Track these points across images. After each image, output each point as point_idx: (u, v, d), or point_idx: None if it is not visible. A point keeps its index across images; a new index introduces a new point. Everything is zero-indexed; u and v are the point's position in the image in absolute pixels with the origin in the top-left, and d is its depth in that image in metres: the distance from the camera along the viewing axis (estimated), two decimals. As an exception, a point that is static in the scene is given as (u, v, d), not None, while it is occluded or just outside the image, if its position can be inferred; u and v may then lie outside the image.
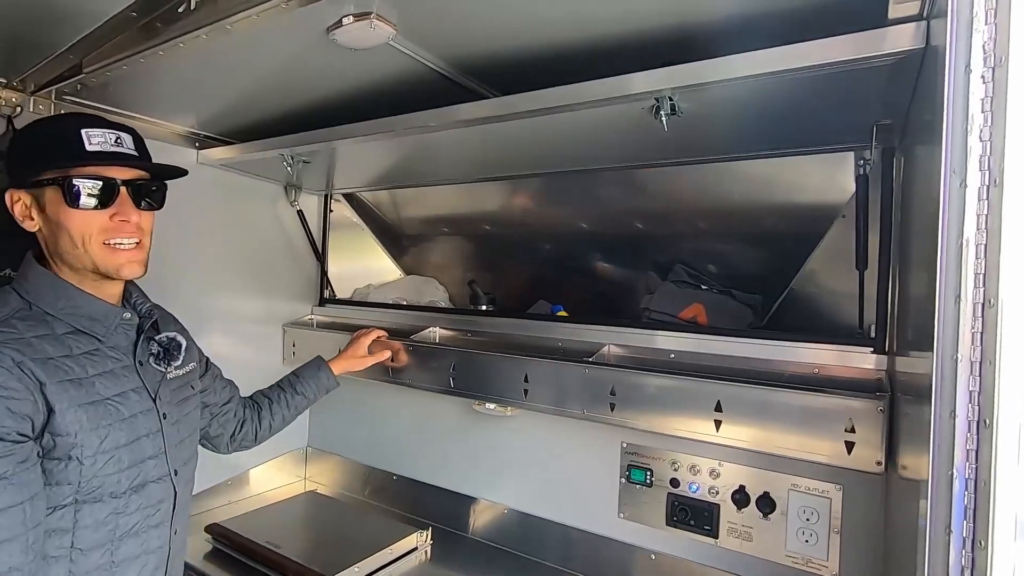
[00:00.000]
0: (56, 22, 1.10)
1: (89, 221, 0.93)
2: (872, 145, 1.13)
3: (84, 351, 0.93)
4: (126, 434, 0.94)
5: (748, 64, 0.90)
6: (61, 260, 0.96)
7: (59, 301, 0.94)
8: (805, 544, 1.25)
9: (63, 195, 0.91)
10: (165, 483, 1.02)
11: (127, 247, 0.96)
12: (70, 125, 0.94)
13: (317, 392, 1.51)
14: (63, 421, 0.86)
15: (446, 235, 2.15)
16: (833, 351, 1.23)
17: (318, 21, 1.02)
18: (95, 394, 0.91)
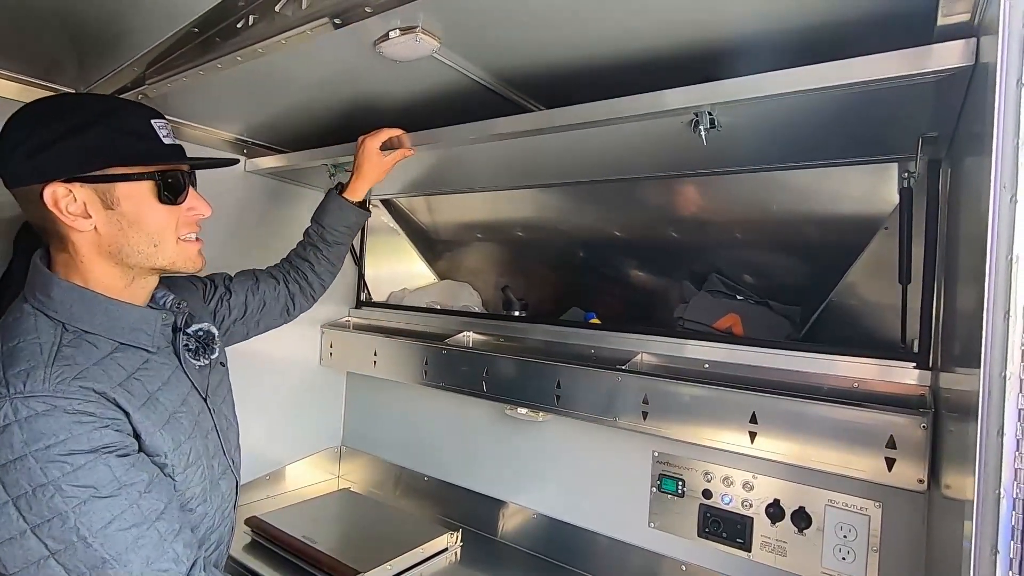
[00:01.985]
0: (124, 37, 1.17)
1: (170, 216, 0.88)
2: (917, 157, 1.11)
3: (138, 366, 0.87)
4: (200, 441, 0.93)
5: (791, 80, 0.89)
6: (115, 262, 0.87)
7: (95, 317, 0.84)
8: (842, 562, 1.23)
9: (154, 190, 0.85)
10: (228, 475, 1.03)
11: (196, 238, 0.94)
12: (136, 112, 0.87)
13: (352, 230, 1.41)
14: (151, 444, 0.83)
15: (480, 240, 2.18)
16: (874, 365, 1.21)
17: (366, 35, 1.06)
18: (165, 411, 0.87)
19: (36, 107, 0.84)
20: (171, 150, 0.88)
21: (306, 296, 1.40)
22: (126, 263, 0.87)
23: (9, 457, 0.71)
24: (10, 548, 0.71)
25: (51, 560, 0.72)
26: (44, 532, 0.71)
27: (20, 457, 0.71)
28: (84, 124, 0.82)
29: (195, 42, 1.12)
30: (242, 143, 1.85)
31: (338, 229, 1.38)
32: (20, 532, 0.71)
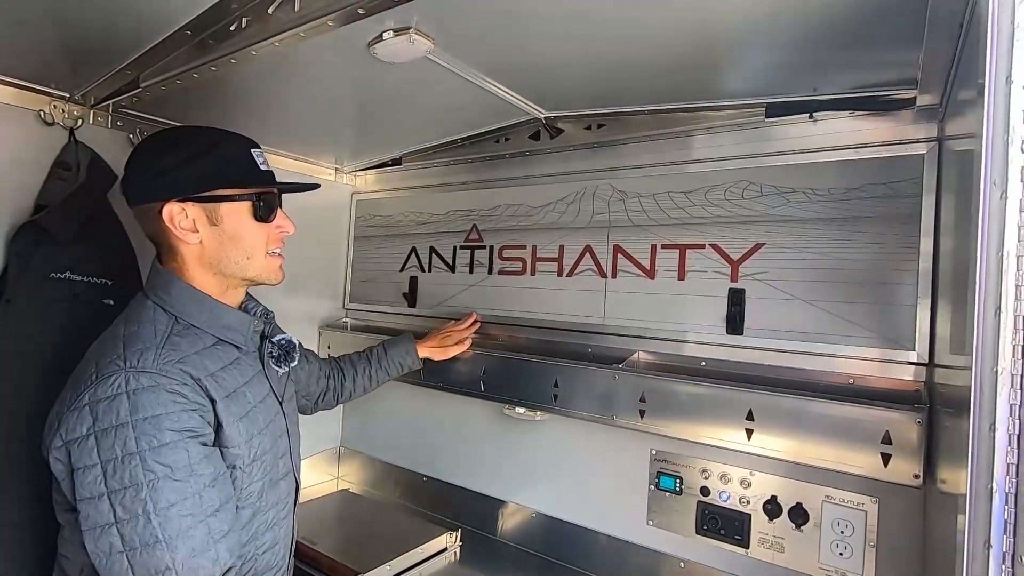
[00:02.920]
0: (117, 40, 1.17)
1: (261, 233, 1.02)
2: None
3: (230, 361, 0.98)
4: (269, 439, 1.01)
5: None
6: (216, 271, 1.00)
7: (203, 314, 0.98)
8: (839, 557, 1.23)
9: (251, 210, 1.00)
10: (290, 478, 1.09)
11: (279, 254, 1.08)
12: (239, 144, 1.02)
13: (400, 371, 1.61)
14: (229, 434, 0.91)
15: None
16: (870, 361, 1.21)
17: (360, 37, 1.07)
18: (247, 404, 0.97)
19: (159, 136, 1.02)
20: (266, 175, 1.02)
21: (335, 396, 1.54)
22: (222, 272, 1.01)
23: (113, 423, 0.81)
24: (88, 507, 0.80)
25: (114, 528, 0.79)
26: (117, 499, 0.79)
27: (122, 424, 0.81)
28: (198, 153, 0.98)
29: (188, 44, 1.11)
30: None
31: (395, 362, 1.58)
32: (99, 495, 0.80)
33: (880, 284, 1.22)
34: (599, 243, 1.60)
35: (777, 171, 1.34)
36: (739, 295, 1.36)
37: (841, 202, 1.27)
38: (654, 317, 1.48)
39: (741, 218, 1.38)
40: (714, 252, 1.41)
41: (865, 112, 1.25)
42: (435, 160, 1.94)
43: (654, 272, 1.50)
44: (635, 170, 1.56)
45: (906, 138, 1.21)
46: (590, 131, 1.60)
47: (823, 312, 1.27)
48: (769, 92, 1.30)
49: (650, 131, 1.53)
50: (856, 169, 1.26)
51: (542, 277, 1.70)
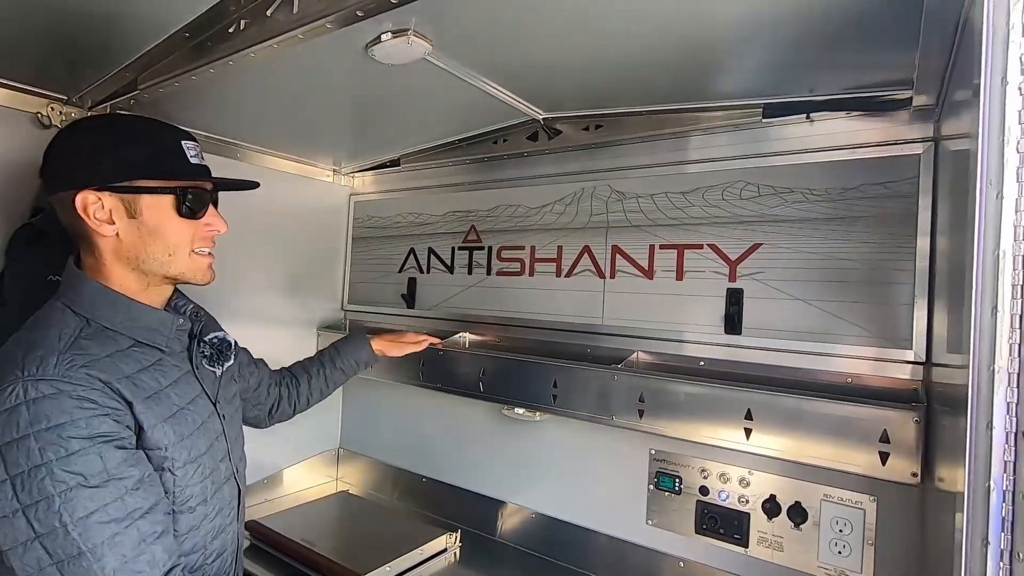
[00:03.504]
0: (115, 42, 1.17)
1: (186, 230, 0.95)
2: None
3: (151, 363, 0.92)
4: (204, 441, 0.96)
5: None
6: (133, 267, 0.93)
7: (117, 315, 0.91)
8: (838, 555, 1.24)
9: (174, 205, 0.92)
10: (232, 482, 1.05)
11: (208, 253, 1.00)
12: (170, 134, 0.95)
13: (356, 368, 1.53)
14: (153, 437, 0.87)
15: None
16: (867, 360, 1.22)
17: (358, 38, 1.07)
18: (173, 406, 0.92)
19: (81, 124, 0.96)
20: (196, 169, 0.96)
21: (290, 403, 1.45)
22: (141, 269, 0.93)
23: (14, 436, 0.76)
24: (4, 526, 0.76)
25: (36, 543, 0.75)
26: (32, 514, 0.75)
27: (23, 436, 0.76)
28: (119, 140, 0.91)
29: (187, 47, 1.12)
30: (234, 146, 1.85)
31: (349, 360, 1.52)
32: (13, 511, 0.75)
33: (877, 284, 1.23)
34: (598, 243, 1.60)
35: (774, 171, 1.35)
36: (737, 295, 1.37)
37: (838, 202, 1.28)
38: (653, 317, 1.49)
39: (739, 218, 1.38)
40: (712, 252, 1.41)
41: (861, 112, 1.26)
42: (433, 161, 1.94)
43: (652, 272, 1.50)
44: (633, 171, 1.57)
45: (902, 138, 1.22)
46: (588, 132, 1.61)
47: (820, 311, 1.28)
48: (766, 93, 1.31)
49: (648, 132, 1.53)
50: (852, 169, 1.27)
51: (541, 278, 1.70)
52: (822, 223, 1.29)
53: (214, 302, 1.75)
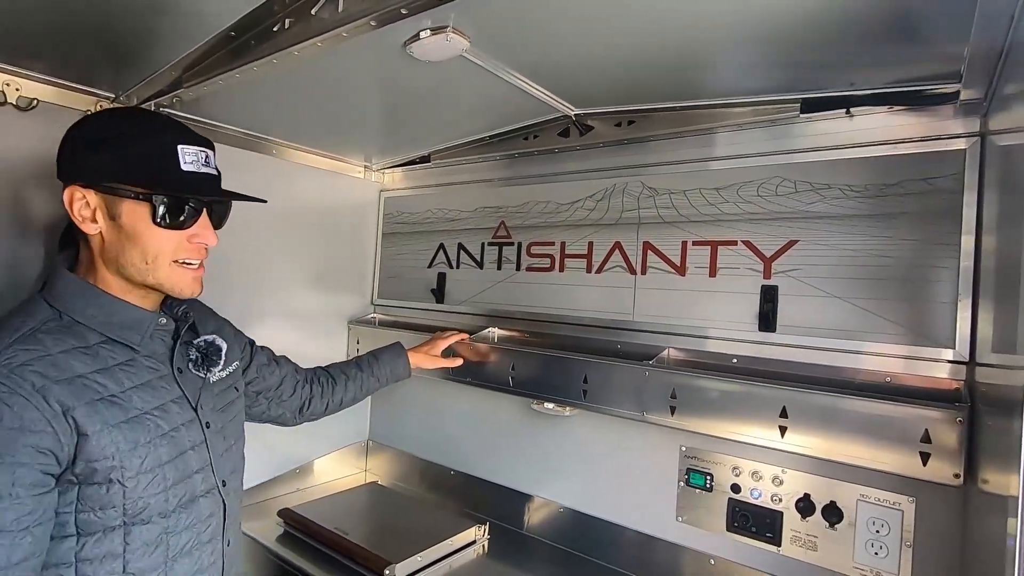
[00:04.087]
0: (161, 42, 1.20)
1: (167, 239, 0.89)
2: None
3: (119, 362, 0.88)
4: (168, 449, 0.90)
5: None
6: (115, 268, 0.90)
7: (89, 308, 0.88)
8: (874, 557, 1.22)
9: (150, 212, 0.87)
10: (213, 496, 0.98)
11: (194, 267, 0.93)
12: (166, 136, 0.89)
13: (390, 379, 1.57)
14: (98, 444, 0.81)
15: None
16: (906, 359, 1.20)
17: (397, 36, 1.08)
18: (132, 409, 0.86)
19: (87, 118, 0.93)
20: (188, 177, 0.89)
21: (323, 402, 1.45)
22: (122, 273, 0.90)
23: None
24: None
25: None
26: None
27: None
28: (112, 138, 0.88)
29: (231, 46, 1.14)
30: (269, 142, 1.88)
31: (385, 369, 1.55)
32: None
33: (917, 281, 1.20)
34: (629, 240, 1.60)
35: (812, 167, 1.33)
36: (772, 292, 1.35)
37: (878, 198, 1.25)
38: (684, 314, 1.48)
39: (774, 214, 1.37)
40: (746, 249, 1.40)
41: (904, 107, 1.23)
42: (463, 157, 1.95)
43: (685, 269, 1.49)
44: (665, 166, 1.56)
45: (946, 133, 1.19)
46: (620, 128, 1.60)
47: (858, 309, 1.26)
48: (805, 88, 1.29)
49: (681, 127, 1.52)
50: (894, 165, 1.24)
51: (571, 273, 1.70)
52: (861, 219, 1.27)
53: (246, 297, 1.82)
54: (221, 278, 1.70)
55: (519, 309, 1.80)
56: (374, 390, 1.57)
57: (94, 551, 0.84)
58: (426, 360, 1.66)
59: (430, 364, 1.66)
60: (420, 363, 1.64)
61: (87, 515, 0.83)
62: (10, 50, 1.26)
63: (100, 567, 0.84)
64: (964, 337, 1.14)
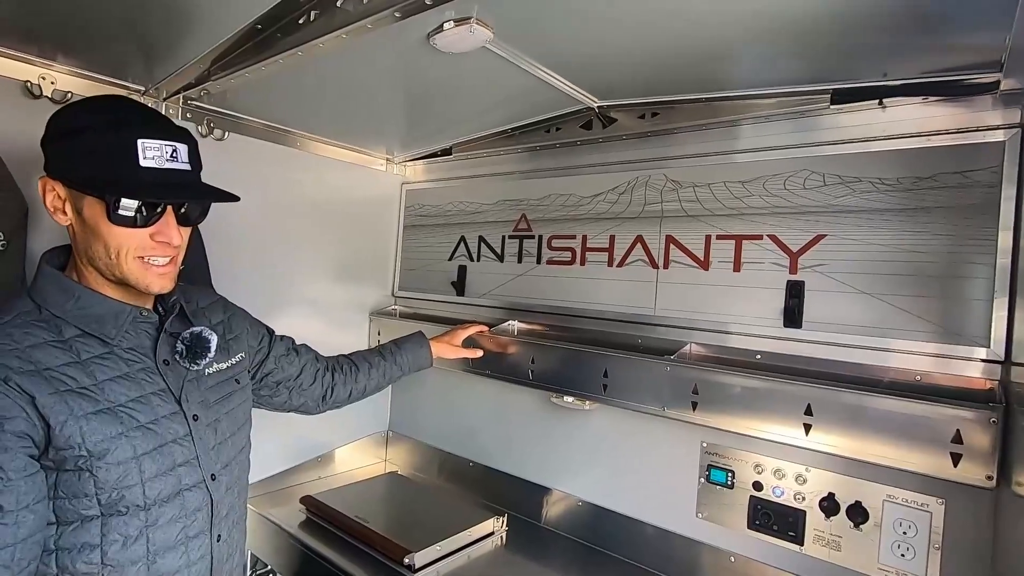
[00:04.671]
0: (190, 36, 1.22)
1: (128, 236, 0.87)
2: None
3: (93, 355, 0.87)
4: (145, 441, 0.88)
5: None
6: (87, 260, 0.90)
7: (67, 303, 0.88)
8: (901, 559, 1.20)
9: (106, 209, 0.84)
10: (200, 490, 0.96)
11: (161, 264, 0.91)
12: (126, 132, 0.84)
13: (412, 367, 1.58)
14: (63, 434, 0.81)
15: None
16: (937, 358, 1.17)
17: (421, 28, 1.08)
18: (104, 402, 0.85)
19: (65, 107, 0.90)
20: (144, 174, 0.84)
21: (346, 390, 1.45)
22: (94, 265, 0.90)
23: None
24: None
25: None
26: None
27: None
28: (71, 131, 0.86)
29: (257, 39, 1.15)
30: (292, 134, 1.90)
31: (408, 358, 1.57)
32: None
33: (950, 278, 1.17)
34: (651, 233, 1.58)
35: (842, 159, 1.30)
36: (798, 287, 1.33)
37: (910, 192, 1.22)
38: (707, 309, 1.46)
39: (802, 208, 1.34)
40: (772, 243, 1.38)
41: (939, 98, 1.19)
42: (485, 150, 1.95)
43: (708, 263, 1.47)
44: (689, 159, 1.54)
45: (984, 124, 1.15)
46: (644, 120, 1.58)
47: (888, 306, 1.23)
48: (835, 78, 1.26)
49: (706, 119, 1.50)
50: (928, 157, 1.21)
51: (592, 267, 1.69)
52: (892, 214, 1.23)
53: (270, 287, 1.85)
54: (245, 269, 1.75)
55: (539, 302, 1.80)
56: (396, 378, 1.57)
57: (71, 540, 0.84)
58: (447, 350, 1.66)
59: (450, 354, 1.67)
60: (441, 353, 1.65)
61: (63, 502, 0.84)
62: (46, 44, 1.30)
63: (78, 556, 0.84)
64: (999, 336, 1.11)
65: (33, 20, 1.17)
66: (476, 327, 1.72)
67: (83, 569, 0.84)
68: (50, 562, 0.84)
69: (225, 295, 1.25)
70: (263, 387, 1.31)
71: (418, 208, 2.21)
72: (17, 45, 1.29)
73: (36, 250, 1.29)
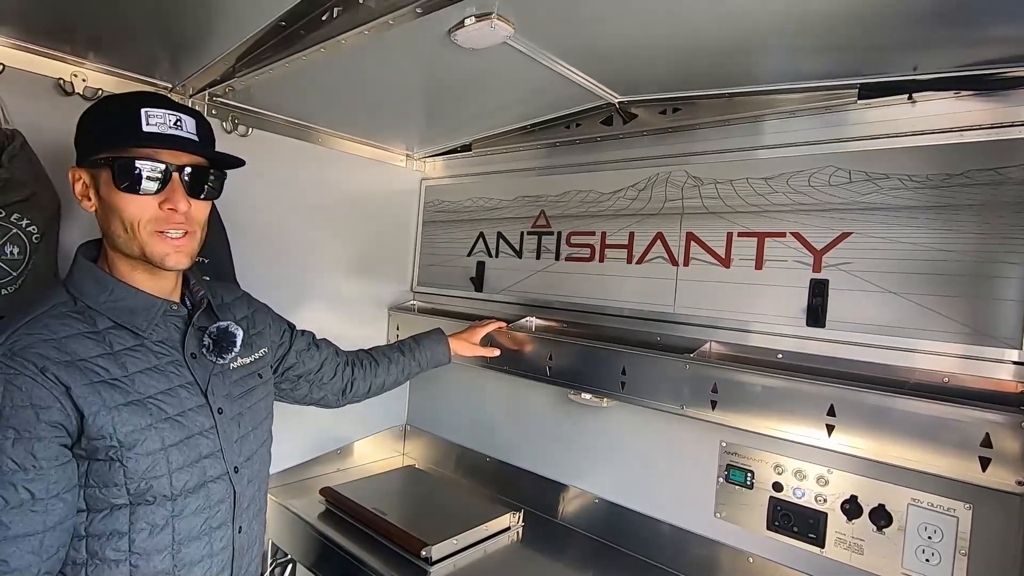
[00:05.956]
0: (216, 33, 1.24)
1: (139, 206, 0.88)
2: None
3: (125, 347, 0.89)
4: (173, 433, 0.90)
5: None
6: (114, 247, 0.92)
7: (100, 295, 0.90)
8: (926, 564, 1.17)
9: (112, 176, 0.87)
10: (224, 482, 0.98)
11: (175, 236, 0.91)
12: (131, 103, 0.89)
13: (431, 363, 1.59)
14: (95, 424, 0.83)
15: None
16: (965, 359, 1.14)
17: (443, 23, 1.08)
18: (135, 393, 0.87)
19: (93, 103, 0.95)
20: (146, 136, 0.87)
21: (365, 384, 1.48)
22: (118, 247, 0.92)
23: None
24: None
25: None
26: None
27: None
28: (92, 110, 0.92)
29: (281, 36, 1.17)
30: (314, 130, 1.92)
31: (426, 354, 1.58)
32: None
33: (980, 277, 1.14)
34: (671, 230, 1.57)
35: (869, 156, 1.27)
36: (822, 286, 1.30)
37: (940, 189, 1.19)
38: (728, 307, 1.45)
39: (826, 205, 1.32)
40: (795, 241, 1.35)
41: (972, 92, 1.16)
42: (504, 146, 1.95)
43: (729, 261, 1.46)
44: (711, 155, 1.52)
45: (1020, 120, 1.12)
46: (665, 115, 1.57)
47: (915, 306, 1.20)
48: (863, 72, 1.23)
49: (728, 115, 1.48)
50: (959, 153, 1.17)
51: (611, 264, 1.69)
52: (921, 211, 1.20)
53: (291, 282, 1.87)
54: (267, 264, 1.77)
55: (558, 299, 1.80)
56: (415, 374, 1.59)
57: (101, 527, 0.86)
58: (464, 347, 1.67)
59: (468, 352, 1.68)
60: (458, 350, 1.66)
61: (94, 490, 0.86)
62: (78, 42, 1.33)
63: (107, 543, 0.86)
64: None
65: (68, 19, 1.20)
66: (494, 324, 1.72)
67: (112, 556, 0.87)
68: (80, 548, 0.86)
69: (248, 290, 1.28)
70: (284, 381, 1.33)
71: (437, 204, 2.22)
72: (51, 43, 1.33)
73: (66, 243, 1.33)
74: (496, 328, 1.72)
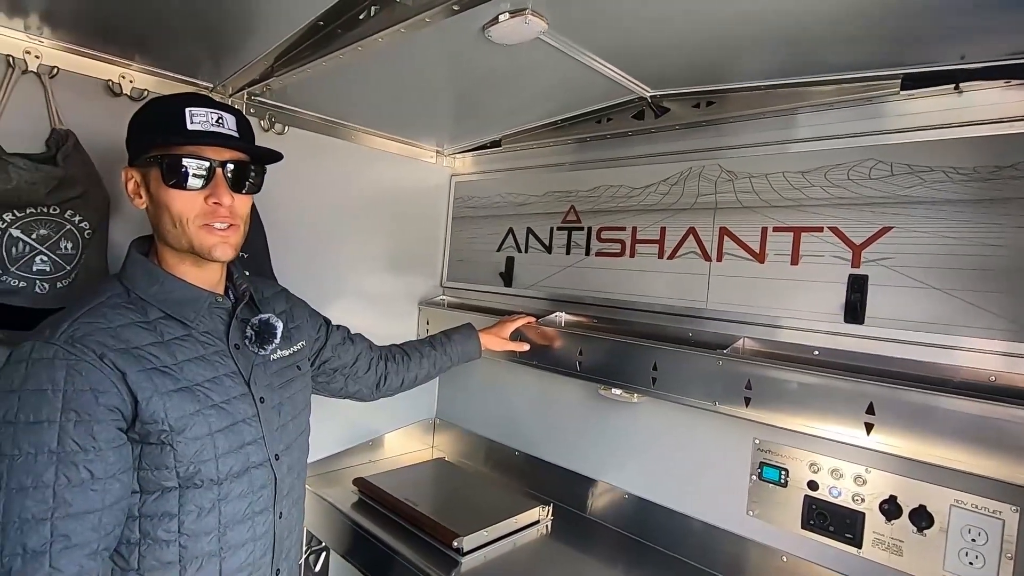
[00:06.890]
0: (255, 33, 1.27)
1: (186, 201, 0.93)
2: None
3: (174, 337, 0.94)
4: (219, 420, 0.94)
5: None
6: (163, 241, 0.97)
7: (152, 287, 0.95)
8: (969, 567, 1.14)
9: (161, 174, 0.92)
10: (265, 468, 1.02)
11: (220, 228, 0.96)
12: (176, 103, 0.94)
13: (461, 358, 1.62)
14: (148, 409, 0.87)
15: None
16: (1013, 357, 1.10)
17: (477, 19, 1.09)
18: (184, 380, 0.92)
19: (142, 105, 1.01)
20: (193, 136, 0.92)
21: (398, 378, 1.51)
22: (168, 242, 0.97)
23: (8, 387, 0.82)
24: None
25: None
26: None
27: (13, 391, 0.81)
28: (141, 112, 0.98)
29: (319, 35, 1.19)
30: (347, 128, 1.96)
31: (457, 348, 1.61)
32: None
33: (1030, 273, 1.10)
34: (704, 225, 1.55)
35: (912, 148, 1.24)
36: (861, 282, 1.28)
37: (988, 182, 1.15)
38: (762, 303, 1.43)
39: (866, 199, 1.29)
40: (833, 236, 1.33)
41: (1022, 81, 1.12)
42: (534, 142, 1.95)
43: (764, 256, 1.43)
44: (746, 149, 1.50)
45: (1074, 109, 1.07)
46: (698, 109, 1.55)
47: (959, 302, 1.17)
48: (907, 62, 1.19)
49: (763, 108, 1.45)
50: (1008, 145, 1.13)
51: (642, 259, 1.68)
52: (967, 205, 1.17)
53: (324, 277, 1.91)
54: (302, 259, 1.82)
55: (587, 294, 1.80)
56: (446, 368, 1.62)
57: (152, 508, 0.90)
58: (494, 342, 1.69)
59: (498, 347, 1.70)
60: (488, 345, 1.68)
61: (146, 473, 0.90)
62: (125, 44, 1.38)
63: (159, 524, 0.90)
64: (1086, 335, 1.04)
65: (115, 22, 1.25)
66: (524, 319, 1.73)
67: (163, 536, 0.91)
68: (134, 528, 0.90)
69: (284, 285, 1.31)
70: (320, 374, 1.37)
71: (467, 200, 2.24)
72: (101, 46, 1.38)
73: (114, 239, 1.39)
74: (525, 323, 1.73)
